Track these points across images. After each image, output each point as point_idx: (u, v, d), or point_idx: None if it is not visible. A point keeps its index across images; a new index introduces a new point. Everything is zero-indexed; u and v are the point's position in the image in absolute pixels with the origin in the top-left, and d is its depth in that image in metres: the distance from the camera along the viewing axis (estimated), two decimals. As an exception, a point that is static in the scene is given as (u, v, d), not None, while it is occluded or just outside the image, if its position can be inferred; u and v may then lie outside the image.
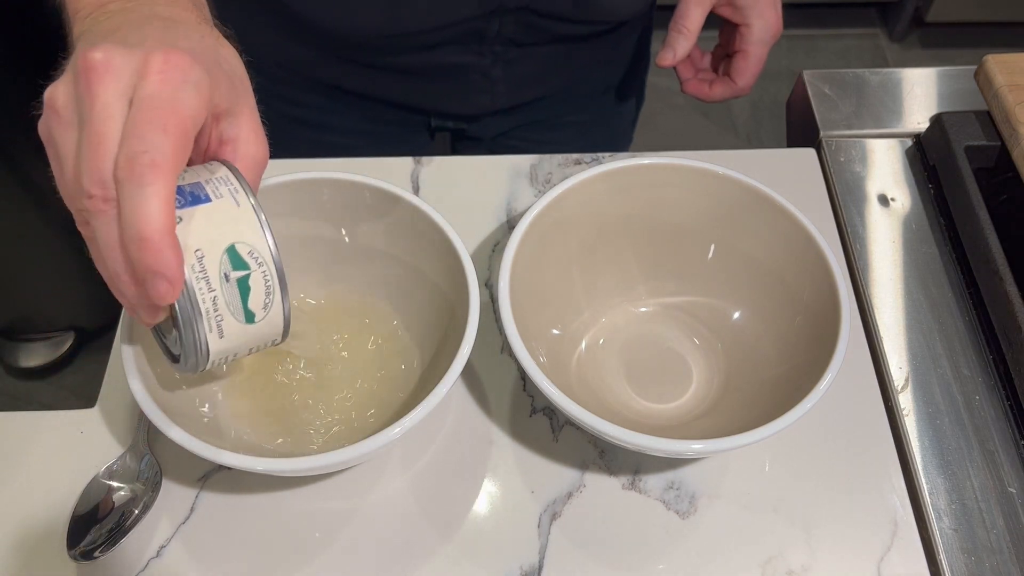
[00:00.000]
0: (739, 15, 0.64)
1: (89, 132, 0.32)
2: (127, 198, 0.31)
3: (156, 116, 0.32)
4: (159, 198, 0.31)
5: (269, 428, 0.48)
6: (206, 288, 0.35)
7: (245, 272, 0.36)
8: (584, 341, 0.53)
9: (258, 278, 0.36)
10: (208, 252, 0.35)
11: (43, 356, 1.29)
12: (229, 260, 0.36)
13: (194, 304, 0.35)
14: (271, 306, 0.37)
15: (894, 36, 1.97)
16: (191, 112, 0.33)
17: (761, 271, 0.52)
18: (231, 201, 0.36)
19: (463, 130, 0.75)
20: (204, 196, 0.36)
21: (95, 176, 0.32)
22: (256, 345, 0.39)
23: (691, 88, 0.69)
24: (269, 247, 0.37)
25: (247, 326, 0.37)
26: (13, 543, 0.45)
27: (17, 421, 0.50)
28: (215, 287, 0.35)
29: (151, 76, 0.32)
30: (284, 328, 0.39)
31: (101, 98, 0.32)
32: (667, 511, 0.48)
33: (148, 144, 0.31)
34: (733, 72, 0.65)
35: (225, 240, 0.36)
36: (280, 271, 0.37)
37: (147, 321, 0.36)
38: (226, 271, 0.35)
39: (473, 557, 0.46)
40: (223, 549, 0.45)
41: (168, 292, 0.32)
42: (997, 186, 0.60)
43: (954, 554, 0.46)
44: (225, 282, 0.36)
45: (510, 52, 0.65)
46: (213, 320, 0.36)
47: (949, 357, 0.54)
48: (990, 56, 0.62)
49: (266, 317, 0.37)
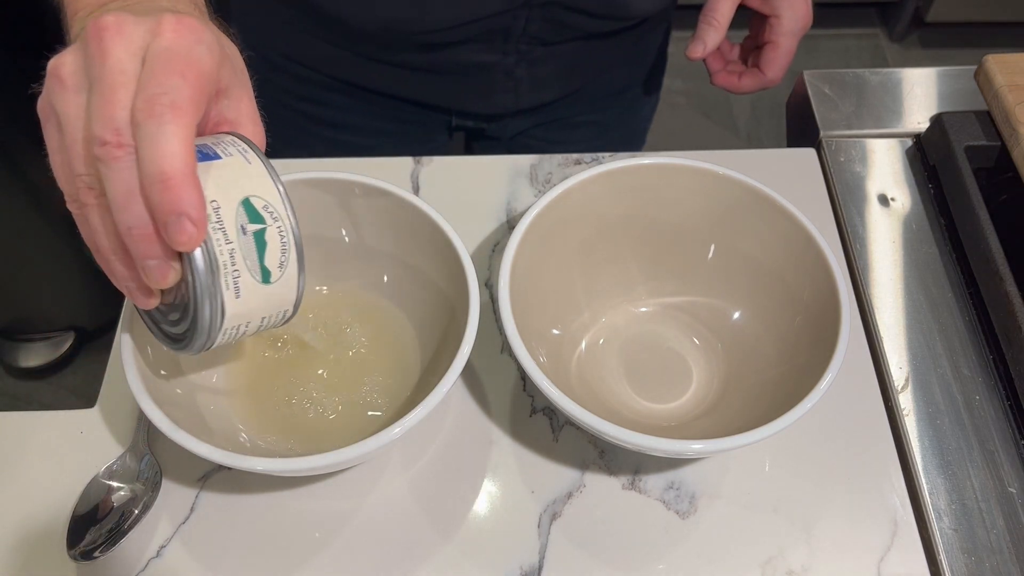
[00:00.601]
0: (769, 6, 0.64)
1: (101, 86, 0.31)
2: (147, 137, 0.30)
3: (173, 65, 0.31)
4: (180, 138, 0.30)
5: (269, 428, 0.48)
6: (223, 239, 0.34)
7: (261, 226, 0.35)
8: (584, 341, 0.53)
9: (274, 234, 0.35)
10: (224, 204, 0.34)
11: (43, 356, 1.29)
12: (245, 212, 0.34)
13: (212, 256, 0.33)
14: (287, 266, 0.36)
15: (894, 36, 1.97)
16: (206, 67, 0.33)
17: (761, 271, 0.52)
18: (242, 159, 0.35)
19: (482, 130, 0.75)
20: (214, 154, 0.35)
21: (108, 123, 0.31)
22: (268, 314, 0.37)
23: (720, 80, 0.69)
24: (284, 203, 0.36)
25: (263, 286, 0.36)
26: (13, 543, 0.45)
27: (17, 421, 0.50)
28: (232, 239, 0.34)
29: (165, 34, 0.32)
30: (298, 295, 0.38)
31: (113, 54, 0.31)
32: (667, 511, 0.48)
33: (167, 87, 0.31)
34: (763, 63, 0.66)
35: (240, 193, 0.34)
36: (296, 228, 0.36)
37: (146, 300, 0.35)
38: (243, 223, 0.34)
39: (473, 557, 0.46)
40: (223, 549, 0.45)
41: (193, 235, 0.31)
42: (997, 186, 0.60)
43: (954, 554, 0.46)
44: (242, 234, 0.34)
45: (534, 51, 0.65)
46: (231, 276, 0.34)
47: (949, 357, 0.54)
48: (990, 56, 0.62)
49: (282, 278, 0.36)
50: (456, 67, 0.66)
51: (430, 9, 0.59)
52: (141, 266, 0.33)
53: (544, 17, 0.61)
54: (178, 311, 0.36)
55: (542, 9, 0.61)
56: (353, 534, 0.46)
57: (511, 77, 0.68)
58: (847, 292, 0.46)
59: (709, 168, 0.51)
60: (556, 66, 0.68)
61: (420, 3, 0.58)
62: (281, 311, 0.38)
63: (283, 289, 0.37)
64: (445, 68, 0.66)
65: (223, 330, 0.36)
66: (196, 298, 0.34)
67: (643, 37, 0.73)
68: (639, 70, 0.77)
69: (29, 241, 1.15)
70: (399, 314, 0.52)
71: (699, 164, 0.51)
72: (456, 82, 0.68)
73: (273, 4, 0.64)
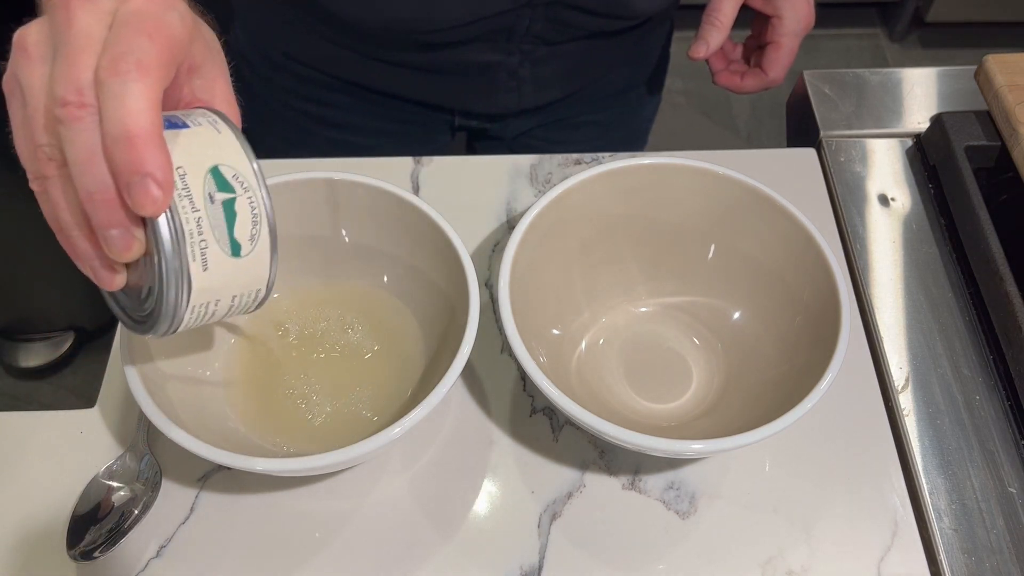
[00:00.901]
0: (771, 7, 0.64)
1: (65, 50, 0.30)
2: (111, 96, 0.29)
3: (142, 27, 0.30)
4: (146, 97, 0.29)
5: (269, 428, 0.48)
6: (189, 207, 0.32)
7: (230, 195, 0.33)
8: (584, 341, 0.53)
9: (244, 204, 0.34)
10: (190, 171, 0.32)
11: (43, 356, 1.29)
12: (214, 180, 0.33)
13: (177, 224, 0.31)
14: (258, 240, 0.34)
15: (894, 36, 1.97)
16: (176, 32, 0.31)
17: (761, 271, 0.52)
18: (211, 129, 0.34)
19: (485, 130, 0.75)
20: (181, 123, 0.33)
21: (71, 84, 0.29)
22: (239, 292, 0.35)
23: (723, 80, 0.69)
24: (255, 172, 0.34)
25: (233, 259, 0.34)
26: (13, 543, 0.45)
27: (17, 421, 0.50)
28: (199, 207, 0.32)
29: (134, 0, 0.31)
30: (270, 273, 0.36)
31: (80, 19, 0.30)
32: (667, 511, 0.48)
33: (134, 47, 0.30)
34: (765, 63, 0.66)
35: (209, 161, 0.33)
36: (268, 201, 0.34)
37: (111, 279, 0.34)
38: (210, 191, 0.32)
39: (473, 557, 0.46)
40: (223, 549, 0.45)
41: (157, 198, 0.29)
42: (997, 186, 0.60)
43: (954, 554, 0.46)
44: (210, 203, 0.32)
45: (538, 51, 0.65)
46: (197, 246, 0.32)
47: (949, 357, 0.54)
48: (990, 56, 0.62)
49: (252, 252, 0.34)
50: (459, 67, 0.66)
51: (433, 8, 0.59)
52: (103, 237, 0.31)
53: (547, 17, 0.62)
54: (144, 289, 0.34)
55: (545, 8, 0.61)
56: (353, 534, 0.46)
57: (514, 77, 0.68)
58: (847, 292, 0.46)
59: (709, 168, 0.51)
60: (559, 66, 0.68)
61: (423, 2, 0.58)
62: (253, 290, 0.36)
63: (254, 265, 0.35)
64: (448, 68, 0.66)
65: (190, 307, 0.34)
66: (161, 270, 0.32)
67: (646, 37, 0.73)
68: (642, 70, 0.77)
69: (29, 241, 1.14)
70: (399, 314, 0.52)
71: (699, 164, 0.51)
72: (459, 82, 0.68)
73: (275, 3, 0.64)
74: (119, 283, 0.34)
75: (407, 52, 0.64)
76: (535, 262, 0.49)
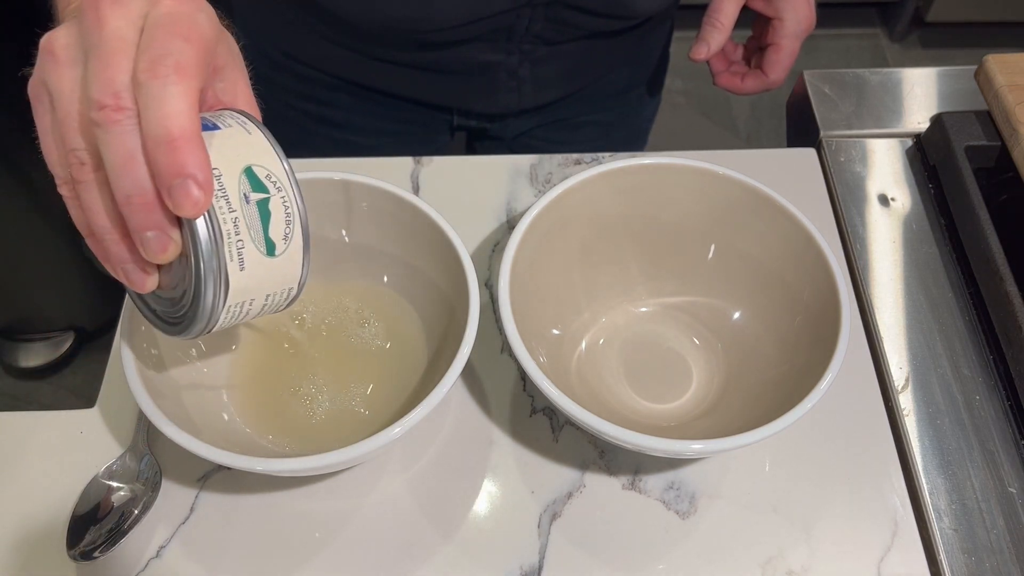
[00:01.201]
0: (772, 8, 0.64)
1: (98, 53, 0.30)
2: (151, 98, 0.29)
3: (177, 29, 0.30)
4: (186, 99, 0.29)
5: (269, 428, 0.48)
6: (226, 208, 0.32)
7: (265, 195, 0.34)
8: (584, 341, 0.53)
9: (278, 203, 0.34)
10: (225, 172, 0.32)
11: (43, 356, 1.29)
12: (248, 181, 0.33)
13: (215, 225, 0.32)
14: (291, 238, 0.35)
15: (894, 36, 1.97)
16: (208, 33, 0.32)
17: (761, 271, 0.52)
18: (242, 130, 0.34)
19: (485, 129, 0.75)
20: (212, 125, 0.33)
21: (107, 87, 0.29)
22: (272, 291, 0.36)
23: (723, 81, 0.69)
24: (287, 172, 0.34)
25: (268, 259, 0.34)
26: (13, 543, 0.45)
27: (17, 421, 0.50)
28: (235, 207, 0.32)
29: (164, 2, 0.31)
30: (303, 271, 0.36)
31: (111, 23, 0.30)
32: (667, 511, 0.48)
33: (171, 49, 0.30)
34: (765, 65, 0.66)
35: (242, 161, 0.33)
36: (300, 201, 0.35)
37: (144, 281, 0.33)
38: (245, 191, 0.33)
39: (473, 557, 0.46)
40: (223, 549, 0.45)
41: (199, 200, 0.29)
42: (997, 186, 0.60)
43: (954, 554, 0.46)
44: (245, 203, 0.33)
45: (538, 50, 0.65)
46: (235, 247, 0.33)
47: (949, 357, 0.54)
48: (990, 56, 0.62)
49: (287, 251, 0.35)
50: (459, 67, 0.66)
51: (433, 8, 0.59)
52: (139, 239, 0.31)
53: (547, 16, 0.62)
54: (178, 291, 0.35)
55: (546, 8, 0.61)
56: (353, 534, 0.46)
57: (514, 77, 0.68)
58: (847, 292, 0.46)
59: (709, 168, 0.51)
60: (559, 66, 0.68)
61: (423, 2, 0.58)
62: (285, 289, 0.37)
63: (288, 264, 0.35)
64: (448, 67, 0.66)
65: (226, 307, 0.34)
66: (198, 271, 0.32)
67: (646, 37, 0.73)
68: (642, 70, 0.77)
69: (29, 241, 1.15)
70: (399, 314, 0.52)
71: (699, 164, 0.51)
72: (459, 82, 0.68)
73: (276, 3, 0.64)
74: (152, 285, 0.34)
75: (407, 52, 0.64)
76: (535, 262, 0.49)
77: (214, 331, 0.36)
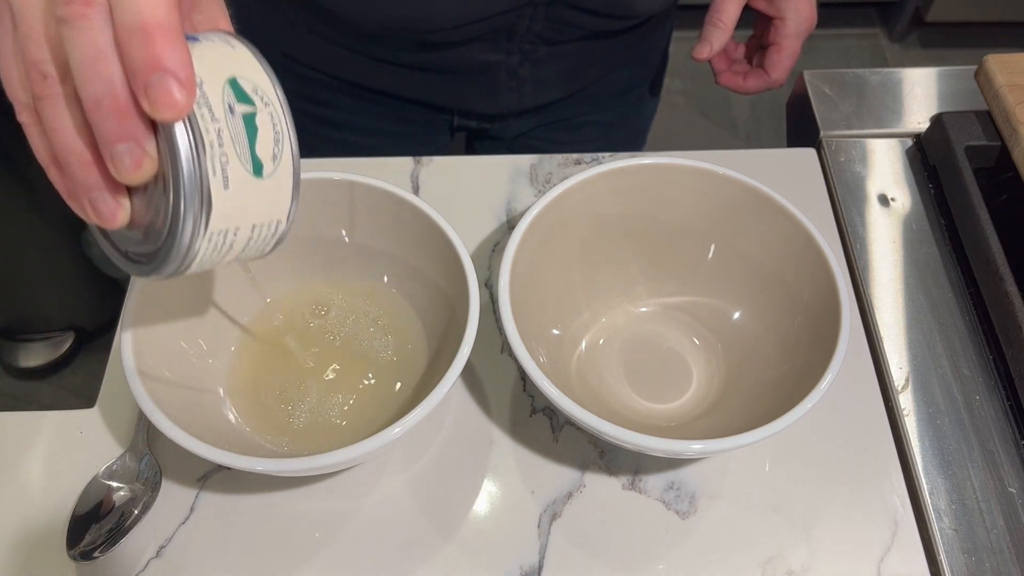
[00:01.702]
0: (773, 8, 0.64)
1: None
2: None
3: None
4: None
5: (269, 428, 0.48)
6: (209, 117, 0.29)
7: (251, 108, 0.31)
8: (584, 341, 0.53)
9: (265, 119, 0.31)
10: (207, 80, 0.29)
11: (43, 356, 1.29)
12: (232, 91, 0.30)
13: (197, 134, 0.28)
14: (280, 160, 0.32)
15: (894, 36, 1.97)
16: None
17: (761, 271, 0.52)
18: (225, 45, 0.31)
19: (485, 130, 0.75)
20: (193, 37, 0.30)
21: None
22: (259, 221, 0.32)
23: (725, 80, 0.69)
24: (275, 89, 0.32)
25: (255, 179, 0.31)
26: (13, 543, 0.45)
27: (17, 421, 0.50)
28: (219, 117, 0.29)
29: None
30: (292, 200, 0.33)
31: None
32: (667, 511, 0.48)
33: None
34: (767, 64, 0.66)
35: (225, 72, 0.30)
36: (290, 121, 0.32)
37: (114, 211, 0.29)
38: (230, 102, 0.30)
39: (473, 557, 0.46)
40: (223, 549, 0.45)
41: (180, 100, 0.26)
42: (997, 186, 0.60)
43: (954, 554, 0.46)
44: (230, 115, 0.30)
45: (538, 50, 0.65)
46: (218, 160, 0.29)
47: (949, 357, 0.54)
48: (990, 56, 0.62)
49: (275, 174, 0.32)
50: (459, 67, 0.66)
51: (433, 8, 0.59)
52: (110, 155, 0.27)
53: (548, 16, 0.62)
54: (153, 221, 0.30)
55: (546, 8, 0.61)
56: (353, 534, 0.46)
57: (514, 77, 0.68)
58: (847, 292, 0.46)
59: (709, 168, 0.51)
60: (559, 66, 0.68)
61: (423, 2, 0.58)
62: (273, 221, 0.33)
63: (276, 190, 0.32)
64: (448, 68, 0.66)
65: (208, 234, 0.30)
66: (177, 188, 0.28)
67: (646, 37, 0.73)
68: (642, 70, 0.77)
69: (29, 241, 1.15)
70: (399, 314, 0.52)
71: (699, 164, 0.51)
72: (459, 82, 0.68)
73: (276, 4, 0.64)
74: (122, 218, 0.30)
75: (407, 52, 0.64)
76: (535, 262, 0.49)
77: (192, 269, 0.32)
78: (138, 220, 0.31)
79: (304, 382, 0.50)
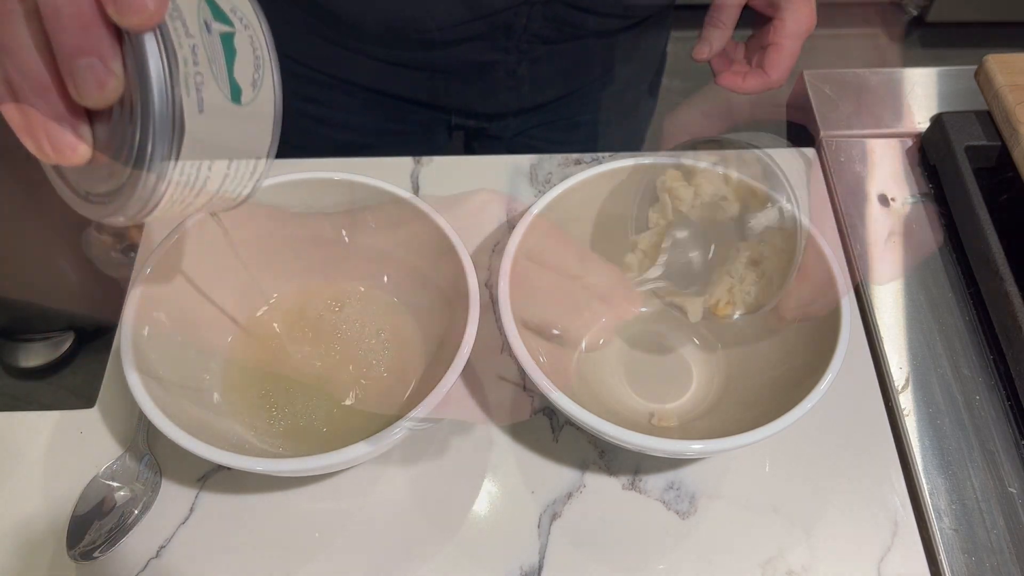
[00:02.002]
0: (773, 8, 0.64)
1: None
2: None
3: None
4: None
5: (269, 428, 0.48)
6: (183, 31, 0.26)
7: (229, 28, 0.28)
8: (584, 341, 0.53)
9: (244, 42, 0.28)
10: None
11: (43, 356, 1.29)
12: (209, 8, 0.27)
13: (168, 46, 0.25)
14: (260, 87, 0.29)
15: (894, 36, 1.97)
16: None
17: (761, 271, 0.52)
18: None
19: (483, 129, 0.75)
20: None
21: None
22: (236, 154, 0.29)
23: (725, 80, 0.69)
24: (256, 13, 0.29)
25: (232, 105, 0.28)
26: (13, 543, 0.45)
27: (17, 421, 0.50)
28: (193, 33, 0.26)
29: None
30: (273, 132, 0.30)
31: None
32: (667, 511, 0.48)
33: None
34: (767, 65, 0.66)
35: None
36: (272, 48, 0.29)
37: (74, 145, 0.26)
38: (206, 19, 0.27)
39: (473, 557, 0.46)
40: (223, 549, 0.45)
41: (150, 5, 0.23)
42: (997, 186, 0.60)
43: (954, 554, 0.46)
44: (206, 32, 0.27)
45: (536, 50, 0.65)
46: (192, 79, 0.26)
47: (949, 357, 0.54)
48: (990, 56, 0.62)
49: (255, 102, 0.29)
50: (458, 66, 0.66)
51: (432, 7, 0.59)
52: (71, 72, 0.24)
53: (546, 15, 0.62)
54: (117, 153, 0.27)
55: (544, 7, 0.61)
56: (353, 534, 0.46)
57: (513, 76, 0.68)
58: (847, 292, 0.46)
59: (709, 168, 0.51)
60: (558, 65, 0.68)
61: (422, 1, 0.58)
62: (251, 160, 0.30)
63: (256, 121, 0.29)
64: (447, 67, 0.66)
65: (179, 166, 0.27)
66: (146, 107, 0.25)
67: (644, 36, 0.73)
68: (640, 70, 0.77)
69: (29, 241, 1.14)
70: (399, 314, 0.52)
71: (699, 164, 0.51)
72: (458, 81, 0.68)
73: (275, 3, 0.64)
74: (83, 153, 0.27)
75: (406, 51, 0.64)
76: (535, 262, 0.49)
77: (161, 207, 0.28)
78: (100, 155, 0.28)
79: (304, 382, 0.50)
